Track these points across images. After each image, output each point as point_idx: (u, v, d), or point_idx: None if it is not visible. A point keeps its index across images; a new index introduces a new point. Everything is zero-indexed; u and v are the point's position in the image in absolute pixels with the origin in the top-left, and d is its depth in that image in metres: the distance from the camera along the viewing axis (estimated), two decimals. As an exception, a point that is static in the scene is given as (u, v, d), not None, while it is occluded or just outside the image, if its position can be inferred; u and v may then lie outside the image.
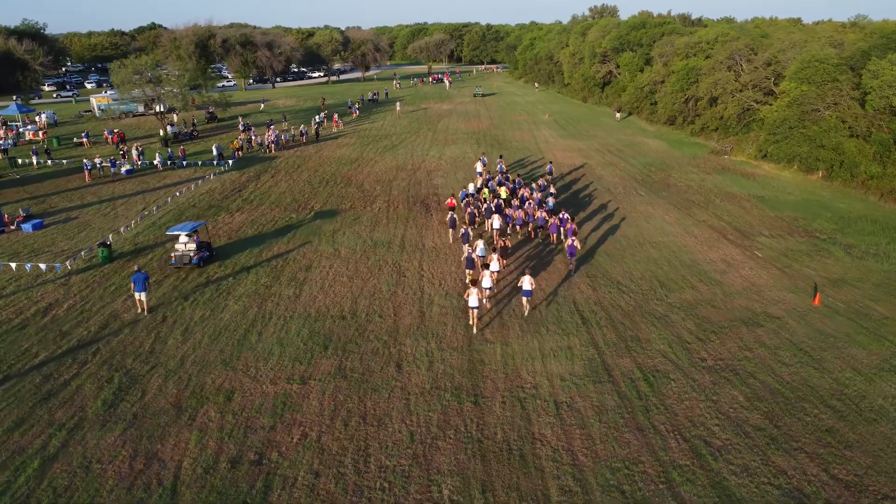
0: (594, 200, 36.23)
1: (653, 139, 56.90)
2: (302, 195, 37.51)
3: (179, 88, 54.44)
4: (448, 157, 48.40)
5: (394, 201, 36.14)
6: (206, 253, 26.13)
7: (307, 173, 43.31)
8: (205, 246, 26.38)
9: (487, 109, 76.76)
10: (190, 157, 48.63)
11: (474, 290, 19.75)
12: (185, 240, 25.50)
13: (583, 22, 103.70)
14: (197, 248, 25.59)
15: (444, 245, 28.56)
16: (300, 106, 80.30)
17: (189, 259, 25.22)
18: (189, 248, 25.42)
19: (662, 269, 25.48)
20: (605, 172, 43.25)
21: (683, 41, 62.59)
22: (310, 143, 54.75)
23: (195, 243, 25.55)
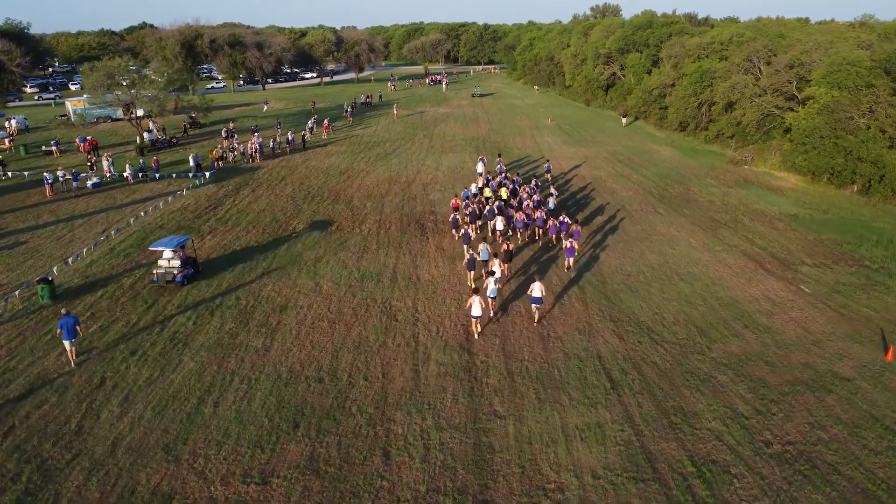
0: (609, 220, 32.53)
1: (664, 146, 53.26)
2: (283, 214, 33.71)
3: (155, 92, 50.55)
4: (445, 168, 44.67)
5: (386, 221, 32.38)
6: (190, 270, 24.32)
7: (291, 187, 39.49)
8: (190, 262, 24.63)
9: (486, 113, 73.05)
10: (165, 167, 44.78)
11: (476, 297, 19.27)
12: (169, 255, 23.73)
13: (584, 21, 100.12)
14: (182, 264, 23.87)
15: (442, 276, 24.83)
16: (289, 109, 76.44)
17: (172, 277, 23.47)
18: (173, 265, 23.67)
19: (698, 310, 21.78)
20: (618, 185, 39.56)
21: (695, 42, 58.98)
22: (297, 152, 50.93)
23: (180, 259, 23.82)
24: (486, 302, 20.74)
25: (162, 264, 23.83)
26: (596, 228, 31.05)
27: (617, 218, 32.76)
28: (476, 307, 19.20)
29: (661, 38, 69.13)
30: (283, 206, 35.29)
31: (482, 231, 29.92)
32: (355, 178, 41.62)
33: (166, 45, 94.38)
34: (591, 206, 34.96)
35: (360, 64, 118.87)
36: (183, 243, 24.24)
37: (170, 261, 23.75)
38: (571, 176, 42.25)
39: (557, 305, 22.17)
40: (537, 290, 20.16)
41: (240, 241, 29.17)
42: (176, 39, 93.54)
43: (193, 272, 24.57)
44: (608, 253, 27.51)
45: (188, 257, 24.81)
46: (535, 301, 20.25)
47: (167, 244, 23.88)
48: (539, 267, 25.91)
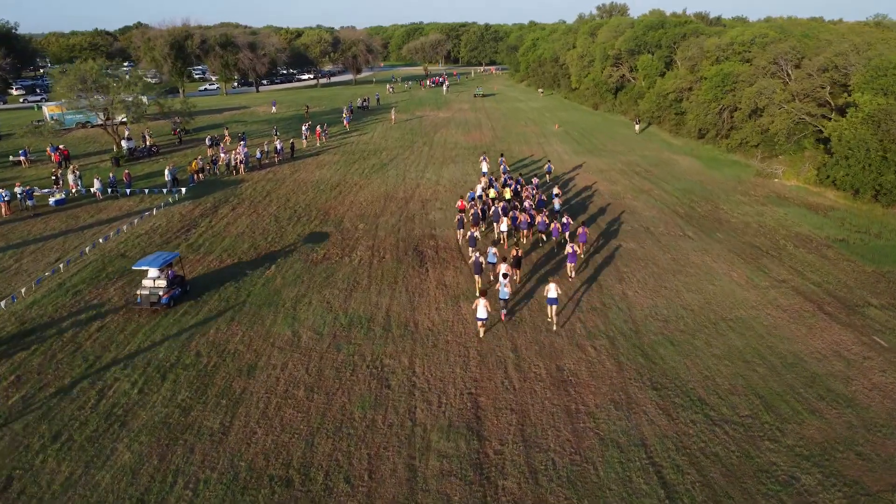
0: (635, 247, 28.61)
1: (682, 156, 49.34)
2: (265, 238, 29.79)
3: (131, 96, 46.64)
4: (447, 181, 40.74)
5: (380, 247, 28.46)
6: (177, 290, 22.56)
7: (276, 204, 35.56)
8: (178, 281, 22.89)
9: (489, 118, 69.11)
10: (140, 181, 40.84)
11: (483, 300, 19.15)
12: (155, 274, 22.02)
13: (591, 21, 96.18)
14: (169, 284, 22.14)
15: (444, 323, 20.92)
16: (282, 113, 72.49)
17: (158, 298, 21.72)
18: (159, 286, 21.92)
19: (758, 373, 17.85)
20: (639, 203, 35.62)
21: (713, 43, 55.05)
22: (285, 162, 47.01)
23: (167, 279, 22.06)
24: (499, 305, 20.80)
25: (146, 284, 21.98)
26: (620, 257, 27.11)
27: (643, 244, 28.82)
28: (482, 310, 19.14)
29: (675, 38, 65.25)
30: (264, 228, 31.36)
31: (488, 233, 29.64)
32: (347, 194, 37.69)
33: (155, 45, 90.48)
34: (612, 230, 31.01)
35: (357, 65, 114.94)
36: (170, 261, 22.53)
37: (155, 280, 21.92)
38: (587, 191, 38.31)
39: (585, 363, 18.26)
40: (553, 291, 20.05)
41: (210, 275, 25.23)
42: (165, 40, 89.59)
43: (181, 292, 22.79)
44: (638, 290, 23.57)
45: (176, 276, 22.97)
46: (552, 301, 20.19)
47: (152, 262, 22.00)
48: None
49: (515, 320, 21.07)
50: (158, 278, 22.01)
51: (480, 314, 19.20)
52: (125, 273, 25.31)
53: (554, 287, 20.11)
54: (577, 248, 24.67)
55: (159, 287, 21.89)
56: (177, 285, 22.69)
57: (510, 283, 21.30)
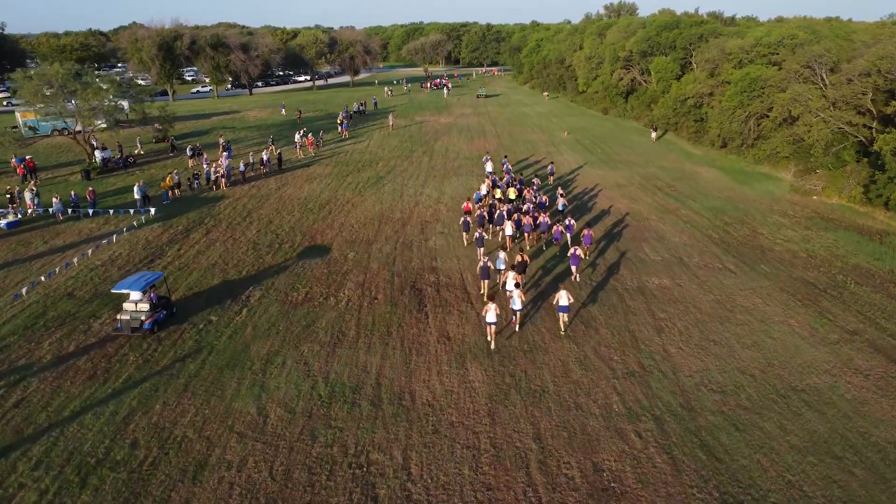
0: (669, 285, 24.52)
1: (705, 168, 45.25)
2: (238, 271, 25.72)
3: (105, 101, 42.61)
4: (449, 198, 36.67)
5: (371, 283, 24.39)
6: (162, 314, 20.95)
7: (256, 227, 31.50)
8: (162, 303, 21.27)
9: (494, 124, 65.00)
10: (106, 198, 36.80)
11: (492, 305, 18.95)
12: (136, 297, 20.42)
13: (598, 21, 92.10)
14: (152, 307, 20.53)
15: (447, 393, 16.87)
16: (273, 118, 68.42)
17: (140, 324, 20.15)
18: (141, 310, 20.36)
19: (856, 477, 13.77)
20: (666, 226, 31.53)
21: (736, 44, 50.96)
22: (272, 174, 42.93)
23: (150, 302, 20.47)
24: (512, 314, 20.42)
25: (128, 308, 20.39)
26: (654, 298, 23.02)
27: (678, 279, 24.72)
28: (491, 314, 18.86)
29: (690, 39, 61.17)
30: (240, 258, 27.28)
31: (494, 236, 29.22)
32: (338, 214, 33.61)
33: (142, 47, 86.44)
34: (640, 260, 26.90)
35: (355, 67, 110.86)
36: (153, 282, 20.99)
37: (137, 304, 20.31)
38: (606, 211, 34.19)
39: (629, 460, 14.18)
40: (564, 299, 19.68)
41: (169, 321, 21.15)
42: (152, 41, 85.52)
43: (166, 315, 21.21)
44: (682, 346, 19.47)
45: (160, 298, 21.34)
46: (563, 310, 19.85)
47: (133, 285, 20.41)
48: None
49: (531, 377, 17.02)
50: (141, 301, 20.30)
51: (490, 318, 18.92)
52: (68, 319, 21.26)
53: (565, 295, 19.66)
54: (581, 251, 24.35)
55: (141, 311, 20.22)
56: (161, 308, 20.95)
57: (522, 293, 20.42)
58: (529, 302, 22.37)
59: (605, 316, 21.46)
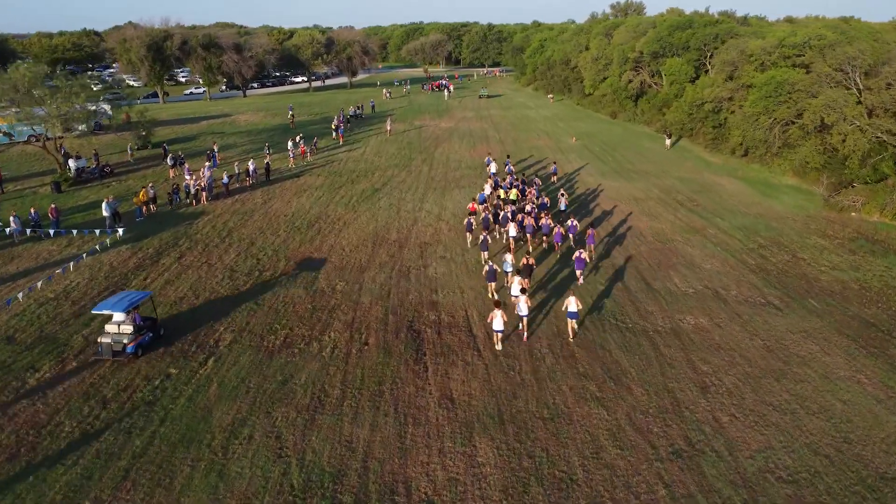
0: (707, 325, 21.15)
1: (726, 178, 41.89)
2: (211, 305, 22.38)
3: (70, 108, 39.25)
4: (450, 215, 33.35)
5: (362, 323, 21.05)
6: (147, 336, 19.36)
7: (235, 250, 28.15)
8: (148, 325, 19.66)
9: (497, 129, 61.62)
10: (74, 215, 33.47)
11: (499, 311, 18.56)
12: (120, 318, 18.98)
13: (605, 21, 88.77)
14: (136, 329, 19.05)
15: (450, 483, 13.53)
16: (266, 123, 65.05)
17: (122, 347, 18.62)
18: (124, 332, 18.86)
19: None
20: (694, 249, 28.16)
21: (757, 45, 47.60)
22: (259, 186, 39.58)
23: (134, 324, 19.02)
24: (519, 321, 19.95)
25: (110, 330, 18.93)
26: (691, 343, 19.66)
27: (716, 318, 21.36)
28: (498, 321, 18.57)
29: (705, 39, 57.80)
30: (213, 288, 23.93)
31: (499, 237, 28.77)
32: (328, 234, 30.27)
33: (131, 47, 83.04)
34: (671, 292, 23.53)
35: (352, 67, 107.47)
36: (137, 303, 19.36)
37: (120, 326, 18.84)
38: (625, 230, 30.83)
39: None
40: (573, 304, 19.37)
41: (117, 376, 17.81)
42: (141, 41, 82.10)
43: (153, 337, 19.57)
44: (735, 413, 16.09)
45: (145, 319, 19.90)
46: (572, 315, 19.46)
47: (116, 305, 18.92)
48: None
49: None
50: (125, 323, 18.79)
51: (497, 325, 18.67)
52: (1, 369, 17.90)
53: (574, 300, 19.39)
54: (586, 255, 23.95)
55: (124, 334, 18.69)
56: (146, 330, 19.33)
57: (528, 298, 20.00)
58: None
59: (638, 369, 18.10)
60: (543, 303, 22.48)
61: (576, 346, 19.42)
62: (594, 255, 26.91)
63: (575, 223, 27.57)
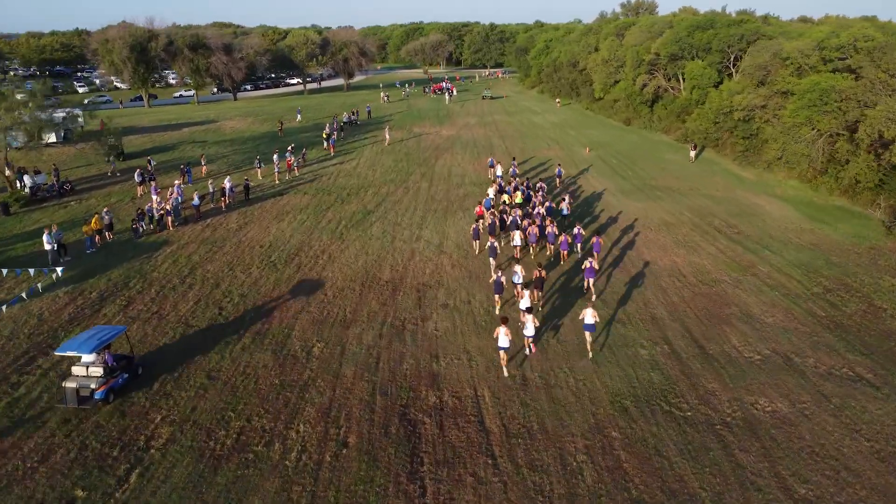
0: (786, 411, 16.40)
1: (764, 197, 37.12)
2: (149, 380, 17.59)
3: (14, 121, 34.54)
4: (453, 244, 28.62)
5: (342, 407, 16.31)
6: (121, 378, 16.78)
7: (196, 294, 23.39)
8: (122, 364, 17.08)
9: (502, 137, 56.86)
10: (13, 246, 28.70)
11: (504, 328, 17.22)
12: (89, 360, 16.42)
13: (615, 20, 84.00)
14: (108, 371, 16.41)
15: None
16: (253, 130, 60.29)
17: (90, 393, 16.04)
18: (93, 375, 16.27)
19: None
20: (748, 294, 23.33)
21: (794, 47, 42.84)
22: (236, 208, 34.83)
23: (104, 365, 16.38)
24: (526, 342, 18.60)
25: (76, 373, 16.61)
26: (775, 444, 14.87)
27: (800, 404, 16.55)
28: (503, 338, 17.23)
29: (729, 41, 53.03)
30: (160, 353, 19.15)
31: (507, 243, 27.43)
32: (308, 272, 25.51)
33: (113, 48, 78.34)
34: (731, 364, 18.74)
35: (349, 69, 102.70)
36: (108, 341, 16.90)
37: (88, 368, 16.49)
38: (660, 268, 26.02)
39: None
40: (590, 317, 18.36)
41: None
42: (124, 42, 77.38)
43: (128, 378, 17.27)
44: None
45: (119, 358, 17.54)
46: (588, 328, 18.46)
47: (83, 345, 16.47)
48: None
49: None
50: (95, 364, 16.56)
51: (502, 343, 17.37)
52: None
53: (591, 313, 18.52)
54: (595, 264, 22.67)
55: (93, 377, 16.39)
56: (120, 371, 17.04)
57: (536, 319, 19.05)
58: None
59: (711, 491, 13.32)
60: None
61: (623, 450, 14.64)
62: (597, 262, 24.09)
63: (581, 231, 26.43)
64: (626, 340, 19.84)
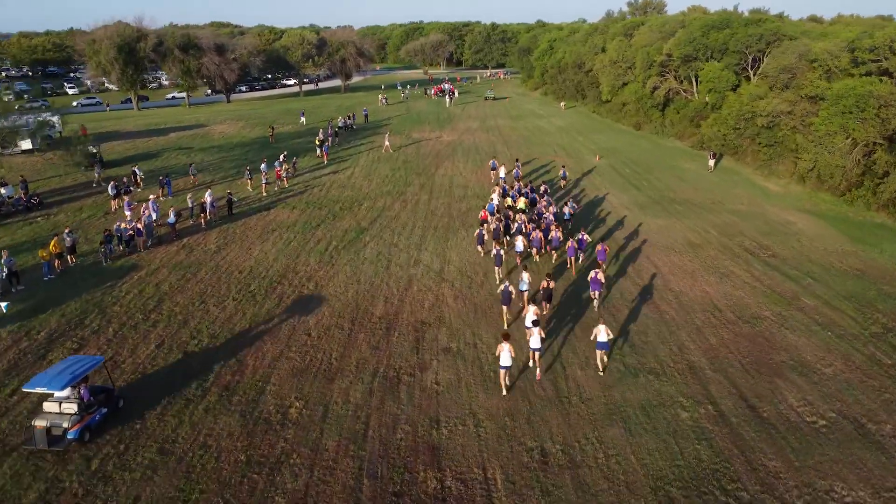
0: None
1: (795, 213, 34.00)
2: (84, 458, 14.47)
3: None
4: (456, 270, 25.53)
5: (318, 496, 13.18)
6: (98, 413, 15.18)
7: (159, 335, 20.26)
8: (101, 398, 15.52)
9: (507, 144, 53.76)
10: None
11: (507, 344, 16.24)
12: (62, 395, 14.80)
13: (623, 20, 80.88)
14: (83, 408, 14.77)
15: None
16: (243, 136, 57.21)
17: (62, 432, 14.45)
18: (66, 412, 14.66)
19: None
20: (799, 338, 20.15)
21: (823, 48, 39.71)
22: (216, 225, 31.71)
23: (79, 402, 14.75)
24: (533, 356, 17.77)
25: (48, 410, 14.78)
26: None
27: (887, 494, 13.42)
28: (506, 356, 16.24)
29: (747, 41, 49.85)
30: (106, 417, 16.02)
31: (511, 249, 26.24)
32: (291, 304, 22.37)
33: (100, 48, 75.23)
34: (792, 430, 15.58)
35: (346, 70, 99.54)
36: (85, 373, 15.16)
37: (61, 405, 14.68)
38: (690, 301, 22.89)
39: None
40: (603, 334, 17.40)
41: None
42: (111, 42, 74.24)
43: (107, 413, 15.39)
44: None
45: (97, 391, 15.61)
46: (601, 346, 17.50)
47: (53, 381, 14.54)
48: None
49: None
50: (68, 401, 14.76)
51: (504, 361, 16.25)
52: None
53: (604, 329, 17.42)
54: (601, 275, 21.57)
55: (66, 414, 14.58)
56: (98, 406, 15.34)
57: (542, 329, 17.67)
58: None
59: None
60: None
61: None
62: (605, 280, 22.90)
63: (585, 237, 25.41)
64: (663, 398, 16.71)
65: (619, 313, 21.75)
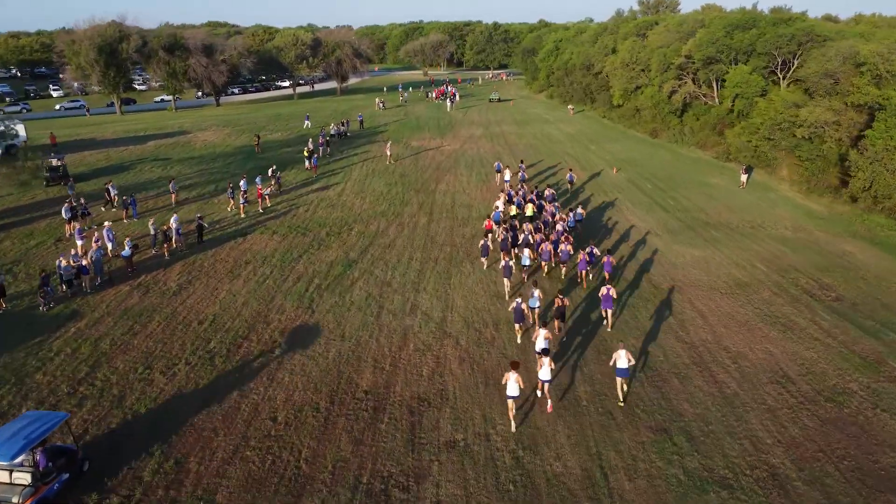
0: None
1: (851, 241, 29.61)
2: None
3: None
4: (461, 319, 21.13)
5: None
6: (58, 482, 12.84)
7: (84, 417, 15.79)
8: (61, 462, 13.09)
9: (513, 152, 49.30)
10: None
11: (514, 374, 15.05)
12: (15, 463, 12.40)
13: (634, 20, 76.44)
14: (41, 476, 12.54)
15: None
16: (227, 145, 52.77)
17: None
18: (17, 483, 12.42)
19: None
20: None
21: (872, 51, 35.27)
22: (182, 257, 27.25)
23: (34, 470, 12.55)
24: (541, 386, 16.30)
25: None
26: None
27: None
28: (513, 385, 15.07)
29: (778, 42, 45.44)
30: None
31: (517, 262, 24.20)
32: (256, 372, 17.92)
33: (80, 49, 70.83)
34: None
35: (342, 72, 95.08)
36: (44, 435, 12.77)
37: (11, 474, 12.42)
38: (754, 369, 18.45)
39: None
40: (623, 360, 16.03)
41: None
42: (91, 42, 69.83)
43: (70, 478, 13.09)
44: None
45: (57, 452, 13.26)
46: (621, 373, 16.15)
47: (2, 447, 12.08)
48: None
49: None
50: (18, 469, 12.28)
51: (511, 391, 15.07)
52: None
53: (624, 354, 15.98)
54: (614, 292, 19.96)
55: (17, 485, 12.16)
56: (59, 472, 12.77)
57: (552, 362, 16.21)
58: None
59: None
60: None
61: None
62: None
63: (595, 250, 24.27)
64: (743, 529, 12.27)
65: (668, 385, 17.31)
